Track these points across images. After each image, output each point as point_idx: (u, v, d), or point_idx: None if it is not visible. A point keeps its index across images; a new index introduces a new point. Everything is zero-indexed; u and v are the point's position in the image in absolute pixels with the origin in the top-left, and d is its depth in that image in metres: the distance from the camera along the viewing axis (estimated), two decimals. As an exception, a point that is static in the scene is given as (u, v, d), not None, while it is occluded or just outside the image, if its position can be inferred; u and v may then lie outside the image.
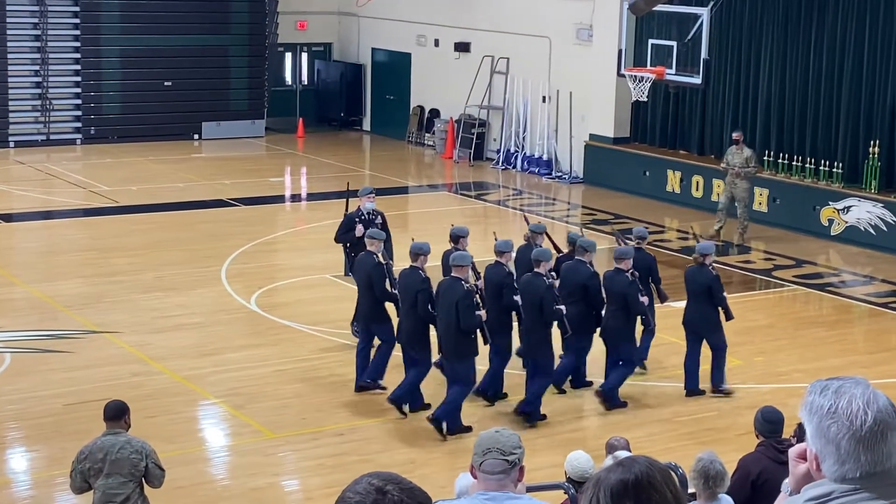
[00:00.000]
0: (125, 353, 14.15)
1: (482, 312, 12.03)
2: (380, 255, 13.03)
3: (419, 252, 12.47)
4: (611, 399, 12.86)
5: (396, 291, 12.74)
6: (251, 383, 13.33)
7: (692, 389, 13.27)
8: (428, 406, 12.46)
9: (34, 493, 10.93)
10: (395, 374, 12.89)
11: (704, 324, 13.28)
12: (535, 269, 12.40)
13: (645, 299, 12.90)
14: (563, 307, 12.33)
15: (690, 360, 13.39)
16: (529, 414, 12.39)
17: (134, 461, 8.22)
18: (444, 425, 11.93)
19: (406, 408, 12.49)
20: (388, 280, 12.99)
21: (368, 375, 13.11)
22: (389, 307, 13.06)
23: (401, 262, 13.50)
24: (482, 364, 12.68)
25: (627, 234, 14.71)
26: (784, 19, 22.12)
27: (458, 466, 9.64)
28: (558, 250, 14.24)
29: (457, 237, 13.14)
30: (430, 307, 12.20)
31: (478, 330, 12.06)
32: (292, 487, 11.38)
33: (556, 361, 12.97)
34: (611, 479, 2.79)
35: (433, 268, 12.90)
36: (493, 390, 12.93)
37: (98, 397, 12.00)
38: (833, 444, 2.80)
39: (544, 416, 12.50)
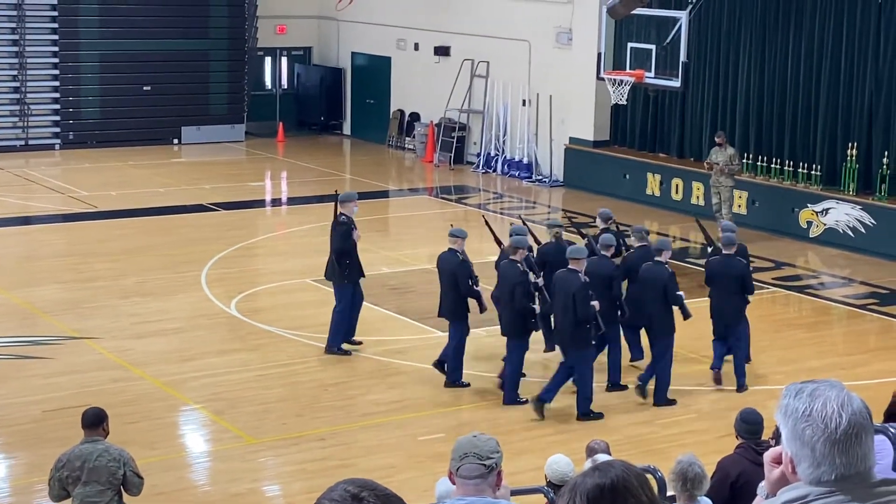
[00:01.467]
0: (105, 359, 14.11)
1: (595, 303, 12.48)
2: (462, 252, 13.43)
3: (518, 246, 13.01)
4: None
5: (479, 288, 13.31)
6: (232, 388, 13.30)
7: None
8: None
9: (13, 500, 10.88)
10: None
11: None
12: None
13: (596, 304, 12.67)
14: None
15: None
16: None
17: (112, 469, 8.19)
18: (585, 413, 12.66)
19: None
20: (471, 277, 13.37)
21: (450, 378, 13.53)
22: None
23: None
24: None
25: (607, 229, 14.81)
26: (762, 23, 22.21)
27: (439, 471, 9.64)
28: (537, 242, 14.69)
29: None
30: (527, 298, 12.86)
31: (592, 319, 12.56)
32: (273, 493, 11.36)
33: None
34: (587, 484, 2.80)
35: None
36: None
37: (78, 403, 11.95)
38: (808, 446, 2.81)
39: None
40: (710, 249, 14.96)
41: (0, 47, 27.92)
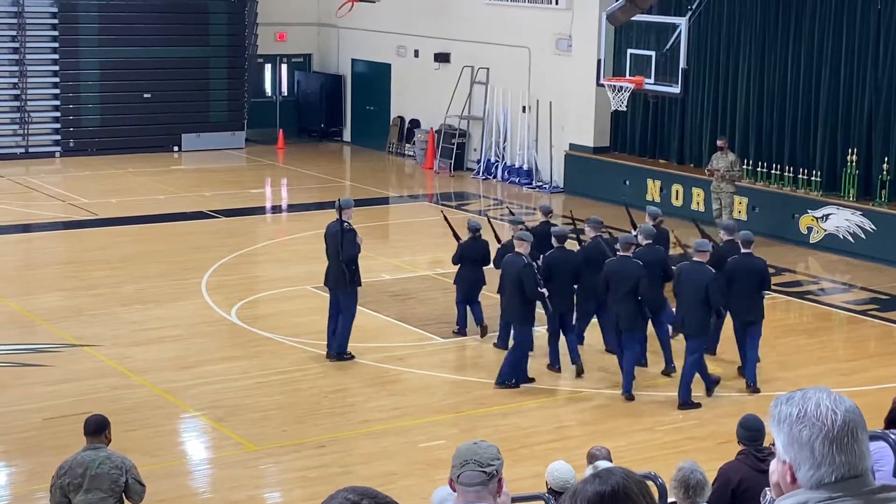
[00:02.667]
0: (105, 367, 14.10)
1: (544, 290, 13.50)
2: (527, 255, 13.62)
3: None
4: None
5: (545, 290, 13.54)
6: (232, 396, 13.29)
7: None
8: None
9: (14, 508, 10.87)
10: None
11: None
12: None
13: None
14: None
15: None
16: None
17: (114, 476, 8.19)
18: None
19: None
20: (536, 279, 13.52)
21: (502, 377, 13.71)
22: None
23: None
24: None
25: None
26: (762, 29, 22.23)
27: (438, 479, 9.63)
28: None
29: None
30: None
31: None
32: (274, 500, 11.35)
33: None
34: (587, 491, 2.80)
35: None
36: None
37: (78, 411, 11.96)
38: (807, 448, 2.81)
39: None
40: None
41: (0, 55, 27.95)
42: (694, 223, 15.94)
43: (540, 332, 14.35)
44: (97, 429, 8.36)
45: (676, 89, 20.59)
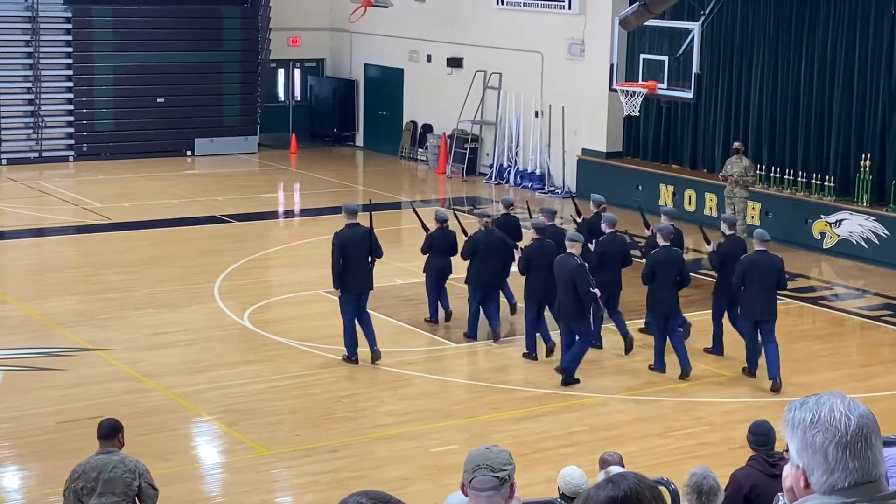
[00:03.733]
0: (118, 371, 14.13)
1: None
2: (580, 256, 13.95)
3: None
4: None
5: (597, 290, 13.84)
6: (245, 400, 13.31)
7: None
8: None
9: (27, 511, 10.90)
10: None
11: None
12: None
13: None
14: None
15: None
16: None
17: (127, 480, 8.20)
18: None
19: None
20: (588, 279, 13.81)
21: (563, 364, 14.02)
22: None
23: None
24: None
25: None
26: (775, 34, 22.20)
27: (451, 483, 9.63)
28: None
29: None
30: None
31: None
32: (286, 504, 11.36)
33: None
34: (599, 497, 2.80)
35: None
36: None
37: (91, 415, 11.99)
38: (820, 453, 2.81)
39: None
40: (710, 249, 15.38)
41: (14, 59, 28.05)
42: (699, 228, 16.07)
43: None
44: (110, 432, 8.37)
45: (689, 94, 20.57)
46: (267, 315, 16.56)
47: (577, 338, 14.00)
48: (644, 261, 15.04)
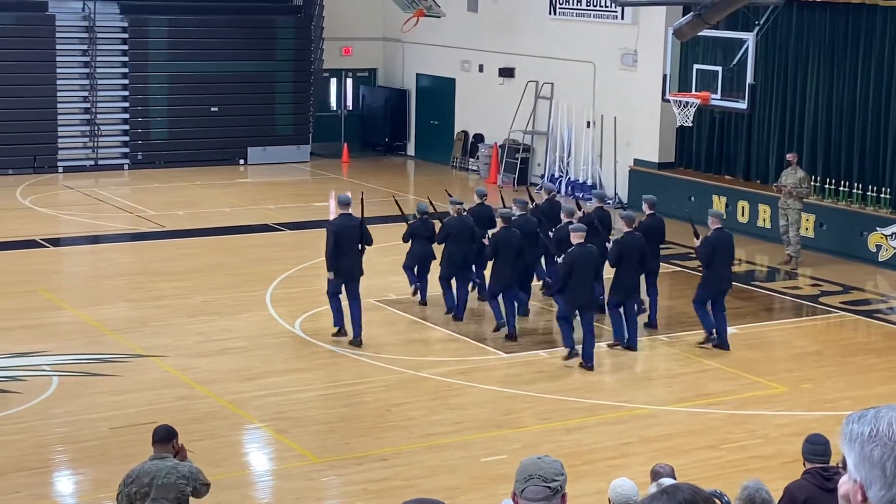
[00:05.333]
0: (171, 377, 14.24)
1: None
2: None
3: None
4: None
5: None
6: (295, 407, 13.36)
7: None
8: None
9: (80, 515, 11.00)
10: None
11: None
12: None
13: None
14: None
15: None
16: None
17: (180, 486, 8.25)
18: None
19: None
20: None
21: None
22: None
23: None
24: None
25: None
26: (830, 44, 22.01)
27: (501, 493, 9.62)
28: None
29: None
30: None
31: None
32: (336, 512, 11.37)
33: None
34: (655, 508, 2.78)
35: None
36: None
37: (144, 421, 12.10)
38: (878, 468, 2.78)
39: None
40: (697, 241, 16.05)
41: (72, 69, 28.39)
42: (691, 224, 16.81)
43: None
44: (166, 437, 8.43)
45: (743, 105, 20.42)
46: (318, 323, 16.61)
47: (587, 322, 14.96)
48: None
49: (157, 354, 15.04)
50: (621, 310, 15.58)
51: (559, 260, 15.33)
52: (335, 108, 32.87)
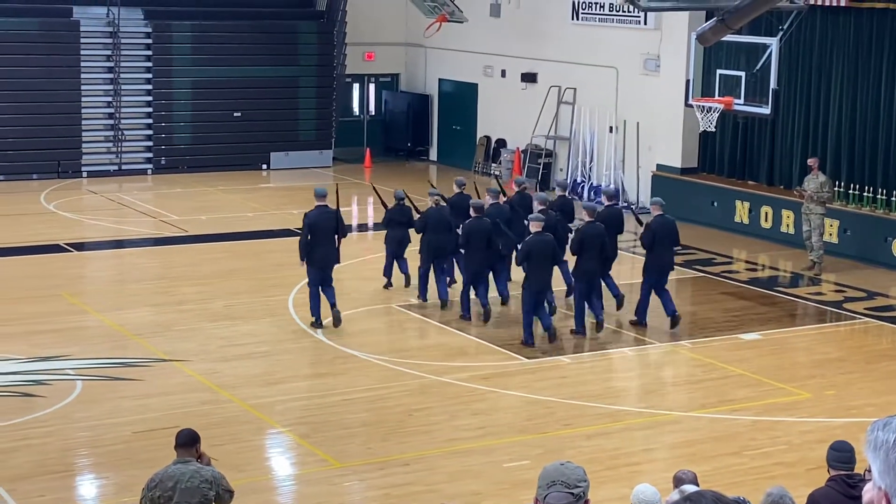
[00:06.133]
0: (194, 382, 14.29)
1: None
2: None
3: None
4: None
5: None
6: (318, 412, 13.39)
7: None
8: None
9: (104, 519, 11.03)
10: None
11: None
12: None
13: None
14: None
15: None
16: None
17: (203, 490, 8.27)
18: None
19: None
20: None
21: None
22: None
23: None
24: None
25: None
26: (854, 49, 21.92)
27: (524, 499, 9.61)
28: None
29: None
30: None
31: None
32: (358, 517, 11.38)
33: None
34: (678, 515, 2.77)
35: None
36: None
37: (167, 425, 12.14)
38: None
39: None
40: (641, 228, 17.30)
41: (96, 74, 28.54)
42: (631, 211, 18.18)
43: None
44: (189, 441, 8.44)
45: (767, 110, 20.38)
46: (340, 328, 16.63)
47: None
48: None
49: (180, 359, 15.09)
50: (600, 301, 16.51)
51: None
52: (358, 114, 32.93)
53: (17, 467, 11.68)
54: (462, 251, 17.21)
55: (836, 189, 21.37)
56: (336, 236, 16.34)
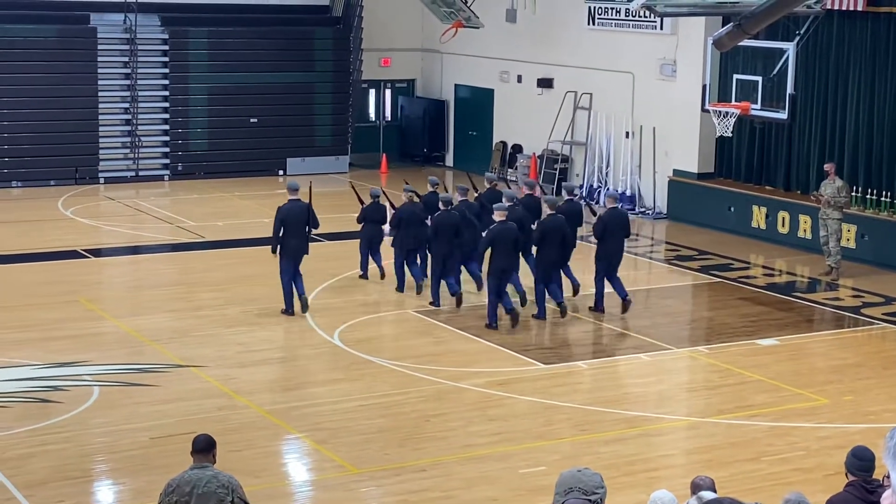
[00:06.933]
0: (210, 387, 14.31)
1: None
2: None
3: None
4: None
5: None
6: (334, 418, 13.39)
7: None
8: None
9: (121, 525, 11.05)
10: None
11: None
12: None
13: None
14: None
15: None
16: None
17: (220, 496, 8.27)
18: None
19: None
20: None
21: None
22: None
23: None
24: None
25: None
26: (871, 53, 21.85)
27: (541, 504, 9.59)
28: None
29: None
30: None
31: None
32: (374, 523, 11.37)
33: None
34: (697, 522, 2.76)
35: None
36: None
37: (184, 431, 12.17)
38: None
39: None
40: (595, 218, 18.33)
41: (113, 80, 28.64)
42: (587, 204, 19.47)
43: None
44: (205, 447, 8.45)
45: (784, 115, 20.33)
46: (357, 334, 16.65)
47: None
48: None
49: (196, 365, 15.11)
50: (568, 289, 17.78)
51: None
52: (374, 119, 32.96)
53: (35, 473, 11.72)
54: (431, 242, 18.22)
55: (853, 194, 21.30)
56: (307, 228, 17.32)
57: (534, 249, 17.76)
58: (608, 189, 19.89)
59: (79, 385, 14.32)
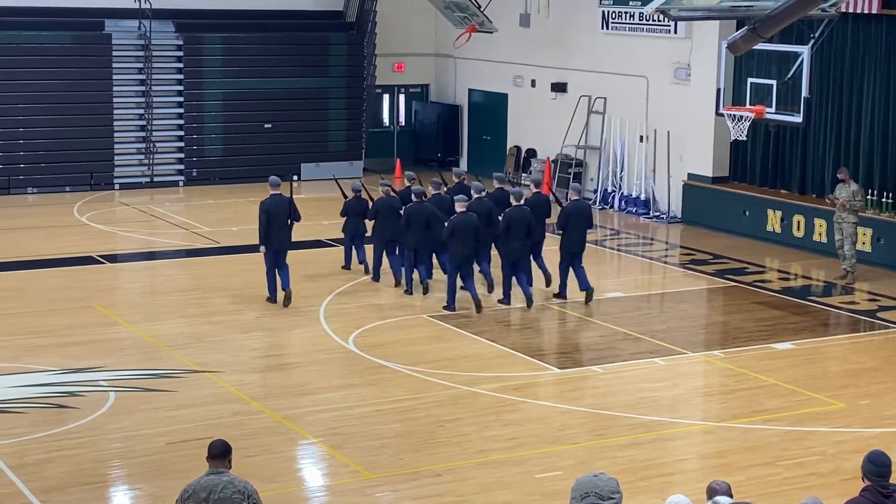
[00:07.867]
0: (226, 393, 14.33)
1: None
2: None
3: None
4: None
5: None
6: (349, 423, 13.40)
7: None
8: None
9: (137, 530, 11.07)
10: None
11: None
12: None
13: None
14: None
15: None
16: None
17: (236, 501, 8.27)
18: None
19: None
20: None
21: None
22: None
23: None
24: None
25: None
26: (886, 56, 21.79)
27: (556, 509, 9.57)
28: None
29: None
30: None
31: None
32: (390, 528, 11.37)
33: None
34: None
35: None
36: None
37: (200, 436, 12.19)
38: None
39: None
40: (562, 205, 19.41)
41: (128, 87, 28.73)
42: (552, 194, 20.84)
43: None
44: (222, 452, 8.45)
45: (798, 118, 20.25)
46: (372, 339, 16.66)
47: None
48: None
49: (212, 370, 15.14)
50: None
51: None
52: (388, 124, 32.99)
53: (52, 478, 11.75)
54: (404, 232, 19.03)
55: (868, 197, 21.24)
56: (289, 221, 18.11)
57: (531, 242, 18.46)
58: (574, 182, 21.88)
59: (94, 391, 14.36)
